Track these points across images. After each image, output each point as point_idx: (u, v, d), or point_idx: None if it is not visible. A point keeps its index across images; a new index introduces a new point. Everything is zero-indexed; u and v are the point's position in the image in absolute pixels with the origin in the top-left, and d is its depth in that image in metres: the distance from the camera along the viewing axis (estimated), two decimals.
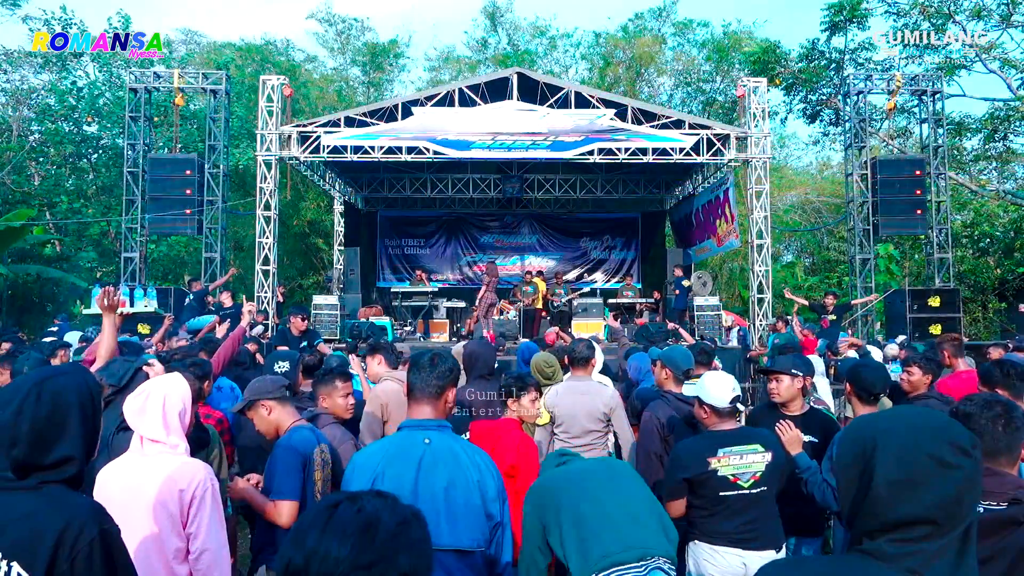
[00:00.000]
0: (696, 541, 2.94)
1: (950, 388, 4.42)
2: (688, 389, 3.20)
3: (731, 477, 2.87)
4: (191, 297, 11.42)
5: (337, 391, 3.41)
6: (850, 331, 12.87)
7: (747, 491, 2.89)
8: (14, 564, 1.44)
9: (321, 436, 2.94)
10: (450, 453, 2.11)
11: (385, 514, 1.04)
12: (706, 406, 3.02)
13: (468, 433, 3.28)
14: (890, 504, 1.09)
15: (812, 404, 4.29)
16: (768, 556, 2.84)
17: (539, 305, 13.28)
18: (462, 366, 4.97)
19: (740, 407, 3.09)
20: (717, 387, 3.01)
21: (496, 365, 4.59)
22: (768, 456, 2.93)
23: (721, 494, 2.87)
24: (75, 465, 1.59)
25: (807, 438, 3.31)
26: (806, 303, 11.70)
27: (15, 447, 1.52)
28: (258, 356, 6.88)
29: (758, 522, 2.91)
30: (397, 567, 1.01)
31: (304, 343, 7.32)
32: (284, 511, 2.68)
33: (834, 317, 10.77)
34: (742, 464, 2.89)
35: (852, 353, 6.86)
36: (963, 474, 1.07)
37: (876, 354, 6.29)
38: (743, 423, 3.41)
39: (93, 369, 3.18)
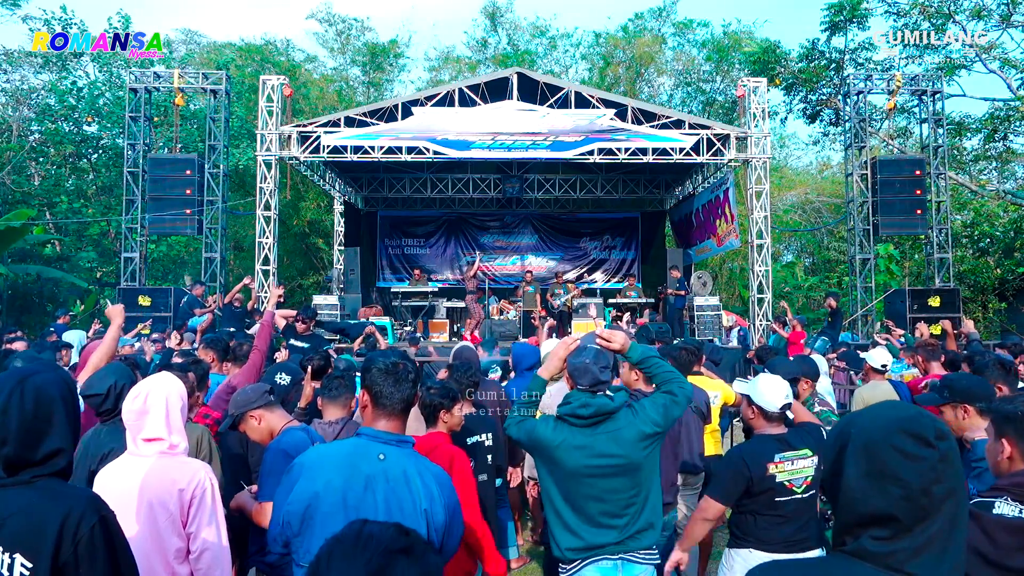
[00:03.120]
0: (750, 549, 2.88)
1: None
2: (739, 387, 3.17)
3: (787, 483, 2.86)
4: (186, 300, 11.43)
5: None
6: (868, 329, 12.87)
7: (800, 496, 2.89)
8: (16, 556, 1.48)
9: (315, 435, 2.93)
10: (402, 475, 1.92)
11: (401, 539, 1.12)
12: (755, 407, 2.98)
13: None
14: (860, 497, 1.12)
15: (817, 405, 4.28)
16: (816, 554, 2.89)
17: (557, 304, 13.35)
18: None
19: (790, 414, 3.03)
20: (771, 390, 2.97)
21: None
22: (815, 459, 2.94)
23: (777, 500, 2.85)
24: (64, 457, 1.63)
25: None
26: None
27: (5, 445, 1.56)
28: None
29: (809, 525, 2.94)
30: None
31: (306, 344, 7.25)
32: (269, 512, 2.63)
33: (831, 318, 10.81)
34: (795, 469, 2.88)
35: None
36: (927, 465, 1.09)
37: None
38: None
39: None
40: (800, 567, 1.36)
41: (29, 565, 1.48)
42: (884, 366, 5.07)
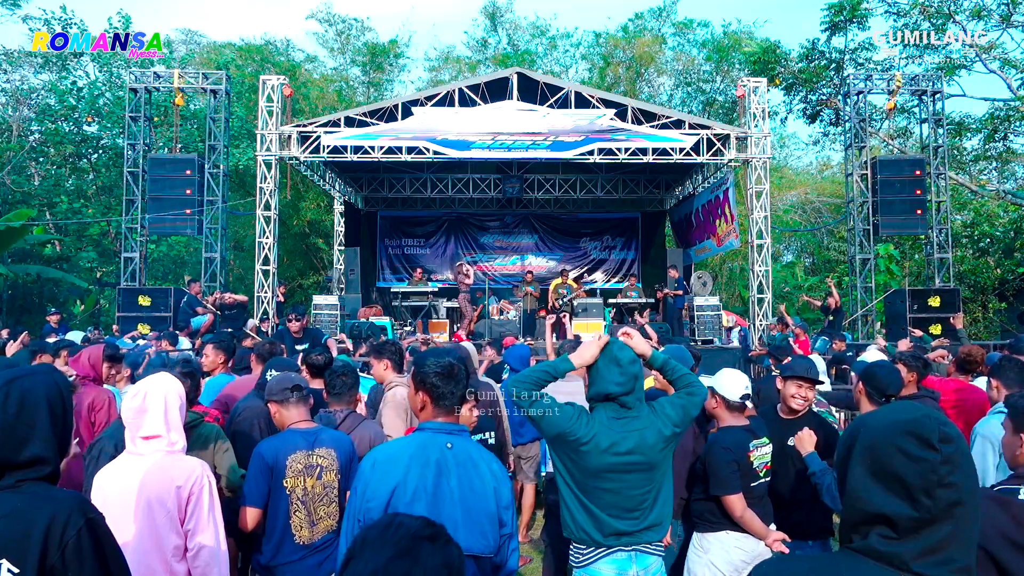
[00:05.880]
0: (726, 531, 3.08)
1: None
2: (704, 380, 3.30)
3: (757, 469, 3.13)
4: (185, 300, 11.42)
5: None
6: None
7: (763, 480, 3.17)
8: (3, 561, 1.46)
9: (324, 440, 2.88)
10: (469, 459, 2.14)
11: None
12: (718, 396, 3.20)
13: None
14: (865, 495, 1.15)
15: (815, 406, 4.28)
16: (772, 528, 3.13)
17: (557, 302, 13.36)
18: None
19: (748, 404, 3.23)
20: (731, 381, 3.20)
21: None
22: (771, 446, 3.24)
23: (751, 485, 3.09)
24: (48, 465, 1.60)
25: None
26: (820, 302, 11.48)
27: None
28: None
29: (767, 504, 3.21)
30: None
31: (306, 344, 7.23)
32: (245, 516, 2.77)
33: (832, 317, 10.81)
34: (760, 456, 3.16)
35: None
36: (928, 466, 1.10)
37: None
38: None
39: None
40: (808, 563, 1.37)
41: (16, 570, 1.46)
42: None
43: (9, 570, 1.47)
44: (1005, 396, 3.21)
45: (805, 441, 3.24)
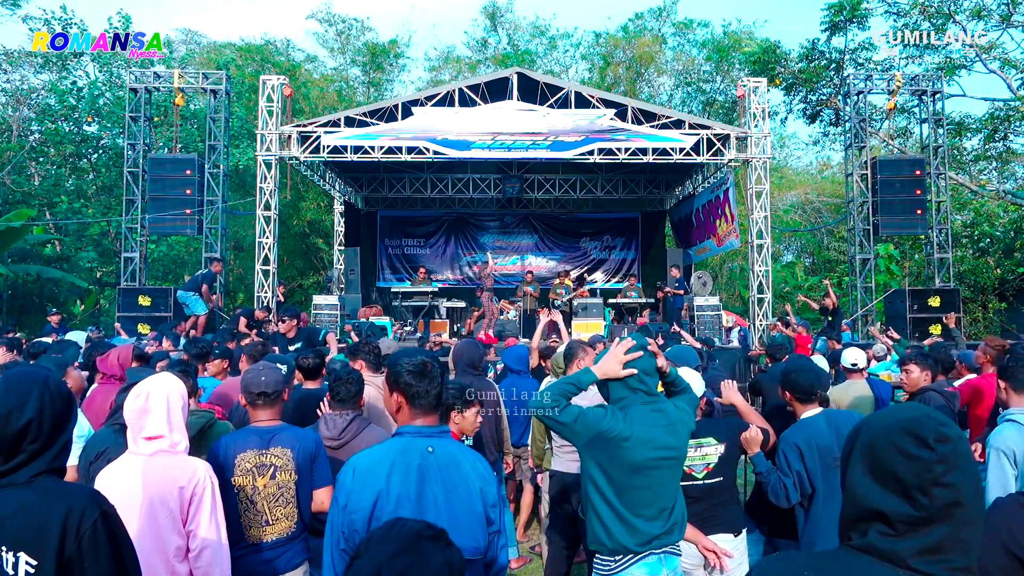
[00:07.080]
0: None
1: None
2: None
3: (686, 468, 2.96)
4: (203, 273, 11.19)
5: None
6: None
7: (700, 481, 3.04)
8: (21, 554, 1.50)
9: (281, 440, 2.82)
10: (452, 461, 2.09)
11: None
12: None
13: None
14: (863, 492, 1.17)
15: None
16: (724, 539, 2.99)
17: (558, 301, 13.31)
18: (451, 363, 5.05)
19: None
20: None
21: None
22: (721, 448, 3.09)
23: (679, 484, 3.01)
24: (68, 451, 1.69)
25: None
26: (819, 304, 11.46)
27: (35, 441, 1.60)
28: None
29: (715, 508, 3.07)
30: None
31: (299, 343, 7.16)
32: None
33: (831, 318, 10.82)
34: (695, 456, 3.03)
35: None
36: (923, 465, 1.11)
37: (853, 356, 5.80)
38: None
39: None
40: (806, 559, 1.37)
41: (34, 563, 1.50)
42: (854, 364, 5.04)
43: (27, 563, 1.50)
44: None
45: (751, 441, 3.15)
